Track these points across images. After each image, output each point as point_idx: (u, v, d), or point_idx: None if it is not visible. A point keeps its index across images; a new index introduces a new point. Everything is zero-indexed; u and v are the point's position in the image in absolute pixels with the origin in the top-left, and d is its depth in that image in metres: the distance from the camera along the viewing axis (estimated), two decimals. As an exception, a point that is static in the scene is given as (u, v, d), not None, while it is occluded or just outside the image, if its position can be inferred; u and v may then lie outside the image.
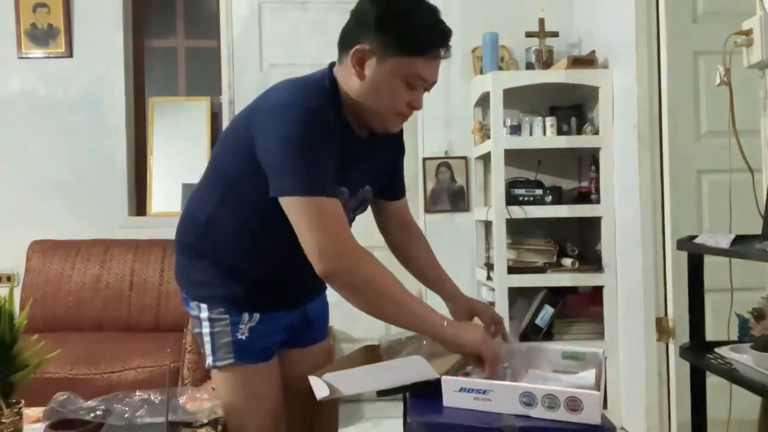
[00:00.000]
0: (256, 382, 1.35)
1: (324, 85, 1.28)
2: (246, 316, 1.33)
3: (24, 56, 3.27)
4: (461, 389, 0.96)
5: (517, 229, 2.95)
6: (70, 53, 3.28)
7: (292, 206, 1.18)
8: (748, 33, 1.74)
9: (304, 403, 1.33)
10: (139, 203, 3.40)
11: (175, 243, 1.44)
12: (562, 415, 0.90)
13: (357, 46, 1.23)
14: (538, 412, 0.91)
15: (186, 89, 3.66)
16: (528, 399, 0.92)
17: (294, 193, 1.17)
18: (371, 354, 1.32)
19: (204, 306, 1.35)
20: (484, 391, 0.95)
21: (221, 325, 1.33)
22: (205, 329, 1.35)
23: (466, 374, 1.07)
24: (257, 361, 1.35)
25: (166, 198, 3.39)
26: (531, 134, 2.95)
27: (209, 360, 1.35)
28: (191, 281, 1.40)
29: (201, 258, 1.37)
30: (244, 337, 1.33)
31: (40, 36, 3.26)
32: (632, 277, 2.68)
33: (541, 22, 3.05)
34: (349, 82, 1.27)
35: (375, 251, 1.23)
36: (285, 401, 1.43)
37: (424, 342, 1.26)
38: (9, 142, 3.25)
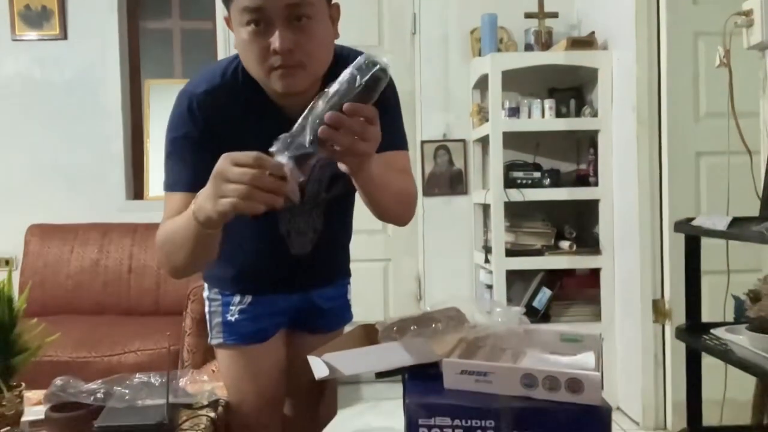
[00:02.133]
0: (247, 362, 1.37)
1: (236, 63, 1.18)
2: (237, 297, 1.36)
3: (18, 38, 3.23)
4: (462, 371, 0.97)
5: (515, 212, 2.96)
6: (64, 35, 3.24)
7: None
8: (748, 14, 1.74)
9: (310, 387, 1.34)
10: (136, 187, 3.39)
11: None
12: (562, 396, 0.91)
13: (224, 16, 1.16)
14: (539, 393, 0.92)
15: (182, 71, 3.63)
16: (529, 380, 0.93)
17: (164, 188, 1.21)
18: (369, 333, 1.32)
19: (206, 285, 1.41)
20: (485, 374, 0.95)
21: (216, 305, 1.39)
22: (206, 308, 1.41)
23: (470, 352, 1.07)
24: (247, 342, 1.36)
25: (164, 181, 3.38)
26: (529, 117, 2.94)
27: (209, 337, 1.42)
28: None
29: None
30: (233, 319, 1.36)
31: (34, 18, 3.23)
32: (629, 259, 2.69)
33: (541, 2, 3.03)
34: None
35: (373, 235, 1.20)
36: (290, 384, 1.44)
37: (431, 324, 1.25)
38: (4, 126, 3.23)
